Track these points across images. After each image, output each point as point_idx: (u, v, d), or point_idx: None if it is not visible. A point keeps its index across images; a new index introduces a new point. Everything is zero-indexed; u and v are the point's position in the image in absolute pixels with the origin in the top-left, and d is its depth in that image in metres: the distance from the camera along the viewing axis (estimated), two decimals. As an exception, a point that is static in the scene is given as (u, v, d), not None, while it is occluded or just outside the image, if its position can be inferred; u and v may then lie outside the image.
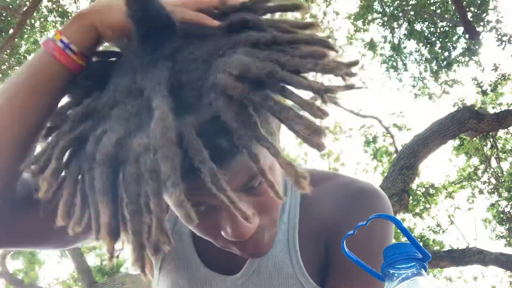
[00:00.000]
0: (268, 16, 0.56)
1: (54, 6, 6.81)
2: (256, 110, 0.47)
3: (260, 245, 0.58)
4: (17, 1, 6.27)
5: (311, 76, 0.50)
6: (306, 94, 0.49)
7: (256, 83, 0.47)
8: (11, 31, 5.79)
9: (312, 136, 0.45)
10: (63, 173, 0.51)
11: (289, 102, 0.48)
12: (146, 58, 0.52)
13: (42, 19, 7.04)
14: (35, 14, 6.33)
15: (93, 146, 0.47)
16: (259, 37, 0.51)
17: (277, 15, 0.57)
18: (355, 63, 0.51)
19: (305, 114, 0.47)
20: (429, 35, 6.94)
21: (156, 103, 0.46)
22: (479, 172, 7.37)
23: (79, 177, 0.49)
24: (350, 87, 0.50)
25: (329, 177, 0.72)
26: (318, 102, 0.48)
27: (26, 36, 6.89)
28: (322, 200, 0.68)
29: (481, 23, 6.26)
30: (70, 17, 6.84)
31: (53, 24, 7.16)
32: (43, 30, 7.19)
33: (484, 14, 6.29)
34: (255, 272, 0.68)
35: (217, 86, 0.47)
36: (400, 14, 6.87)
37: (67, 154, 0.51)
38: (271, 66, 0.47)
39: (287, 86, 0.47)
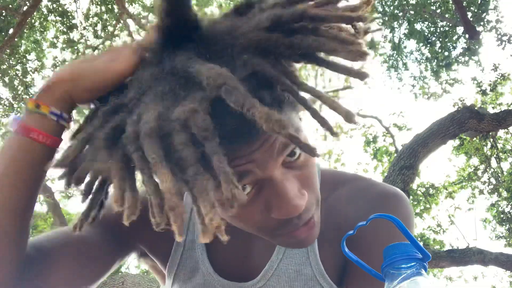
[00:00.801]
0: None
1: (54, 6, 6.81)
2: (292, 59, 0.48)
3: (312, 227, 0.55)
4: (17, 1, 6.26)
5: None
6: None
7: (288, 31, 0.47)
8: (11, 31, 5.79)
9: (357, 58, 0.46)
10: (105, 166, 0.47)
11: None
12: (170, 48, 0.51)
13: (42, 19, 7.03)
14: (35, 14, 6.33)
15: (134, 127, 0.45)
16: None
17: None
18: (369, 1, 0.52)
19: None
20: (429, 35, 6.94)
21: (193, 71, 0.45)
22: (479, 172, 7.37)
23: (123, 163, 0.46)
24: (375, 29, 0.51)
25: (351, 179, 0.71)
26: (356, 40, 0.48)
27: (26, 36, 6.89)
28: (343, 201, 0.67)
29: (481, 23, 6.26)
30: (70, 17, 6.86)
31: (53, 23, 7.17)
32: (43, 30, 7.19)
33: (484, 14, 6.29)
34: (274, 275, 0.66)
35: (249, 45, 0.47)
36: (400, 13, 6.87)
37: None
38: (302, 8, 0.48)
39: (318, 26, 0.48)
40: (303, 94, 0.47)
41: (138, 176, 0.47)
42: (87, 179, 0.50)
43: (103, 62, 0.53)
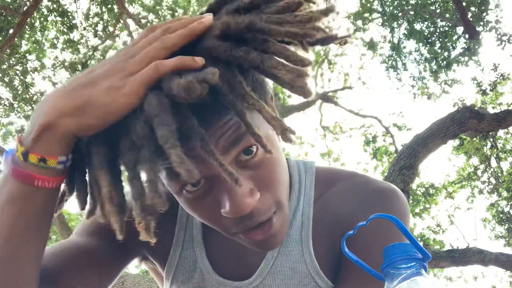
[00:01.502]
0: None
1: (54, 6, 6.81)
2: (243, 71, 0.49)
3: (267, 231, 0.55)
4: (17, 1, 6.26)
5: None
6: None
7: (239, 40, 0.48)
8: (11, 31, 5.78)
9: (296, 81, 0.47)
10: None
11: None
12: None
13: (42, 19, 7.03)
14: (35, 14, 6.33)
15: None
16: (238, 3, 0.52)
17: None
18: (330, 9, 0.51)
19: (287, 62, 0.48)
20: (428, 35, 6.94)
21: None
22: (479, 172, 7.37)
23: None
24: (332, 37, 0.51)
25: (347, 176, 0.70)
26: (300, 51, 0.49)
27: (26, 36, 6.88)
28: (339, 198, 0.67)
29: (481, 23, 6.26)
30: (69, 17, 6.85)
31: (53, 23, 7.16)
32: (43, 30, 7.19)
33: (484, 14, 6.29)
34: (270, 273, 0.66)
35: (203, 50, 0.49)
36: (400, 13, 6.87)
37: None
38: (249, 19, 0.48)
39: (267, 38, 0.48)
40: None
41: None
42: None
43: (107, 92, 0.47)
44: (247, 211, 0.52)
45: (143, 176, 0.46)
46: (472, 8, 6.34)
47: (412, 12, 6.63)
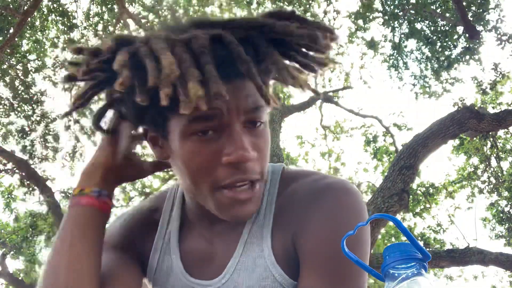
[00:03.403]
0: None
1: (54, 5, 6.80)
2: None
3: (251, 192, 0.65)
4: (17, 1, 6.26)
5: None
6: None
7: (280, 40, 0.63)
8: (11, 31, 5.78)
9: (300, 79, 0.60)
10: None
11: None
12: None
13: (42, 19, 7.03)
14: (35, 13, 6.33)
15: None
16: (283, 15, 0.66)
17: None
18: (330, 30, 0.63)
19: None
20: (429, 34, 6.93)
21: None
22: (479, 172, 7.37)
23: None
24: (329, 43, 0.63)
25: (303, 175, 0.74)
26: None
27: (26, 36, 6.88)
28: (294, 196, 0.71)
29: (482, 23, 6.26)
30: (70, 17, 6.84)
31: (53, 23, 7.16)
32: (43, 30, 7.19)
33: (485, 14, 6.28)
34: (236, 270, 0.71)
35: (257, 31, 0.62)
36: (401, 13, 6.87)
37: None
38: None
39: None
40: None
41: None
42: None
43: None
44: (248, 159, 0.62)
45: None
46: (473, 8, 6.34)
47: (412, 12, 6.63)
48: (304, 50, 0.63)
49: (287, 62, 0.62)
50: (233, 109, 0.61)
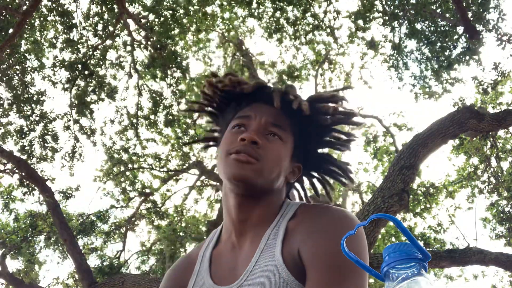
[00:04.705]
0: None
1: (54, 5, 6.81)
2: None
3: (247, 157, 0.88)
4: (17, 1, 6.26)
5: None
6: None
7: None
8: (11, 31, 5.78)
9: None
10: None
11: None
12: None
13: (42, 19, 7.03)
14: (35, 14, 6.33)
15: None
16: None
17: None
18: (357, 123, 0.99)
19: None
20: (429, 34, 6.94)
21: None
22: (479, 172, 7.37)
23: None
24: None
25: (316, 205, 0.92)
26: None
27: (26, 36, 6.89)
28: (303, 217, 0.89)
29: (482, 23, 6.26)
30: (70, 17, 6.84)
31: (53, 23, 7.16)
32: (43, 30, 7.19)
33: (485, 13, 6.28)
34: (252, 272, 0.85)
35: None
36: (401, 13, 6.87)
37: None
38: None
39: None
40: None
41: None
42: None
43: None
44: (252, 139, 0.89)
45: None
46: (473, 8, 6.34)
47: (412, 12, 6.63)
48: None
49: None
50: (258, 117, 0.93)
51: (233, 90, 0.96)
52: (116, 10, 7.04)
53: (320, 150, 1.02)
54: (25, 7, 5.68)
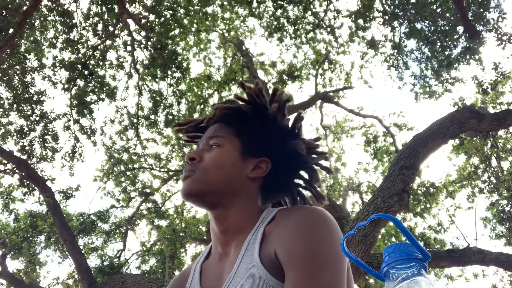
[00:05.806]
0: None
1: (54, 5, 6.81)
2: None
3: (185, 177, 0.97)
4: (17, 1, 6.26)
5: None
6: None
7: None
8: (11, 30, 5.78)
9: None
10: None
11: None
12: None
13: (42, 19, 7.03)
14: (35, 13, 6.33)
15: None
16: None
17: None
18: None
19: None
20: (429, 34, 6.94)
21: None
22: (479, 171, 7.37)
23: None
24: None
25: (293, 207, 0.95)
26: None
27: (26, 35, 6.88)
28: (279, 220, 0.92)
29: (482, 22, 6.26)
30: (70, 16, 6.84)
31: (53, 23, 7.16)
32: (43, 30, 7.19)
33: (485, 13, 6.28)
34: (235, 276, 0.89)
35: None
36: (401, 13, 6.87)
37: None
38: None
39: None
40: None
41: None
42: None
43: None
44: (189, 157, 0.99)
45: None
46: (473, 8, 6.34)
47: (412, 12, 6.63)
48: None
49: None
50: (203, 140, 1.03)
51: (193, 131, 1.09)
52: (116, 10, 7.04)
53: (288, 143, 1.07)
54: (25, 7, 5.68)
